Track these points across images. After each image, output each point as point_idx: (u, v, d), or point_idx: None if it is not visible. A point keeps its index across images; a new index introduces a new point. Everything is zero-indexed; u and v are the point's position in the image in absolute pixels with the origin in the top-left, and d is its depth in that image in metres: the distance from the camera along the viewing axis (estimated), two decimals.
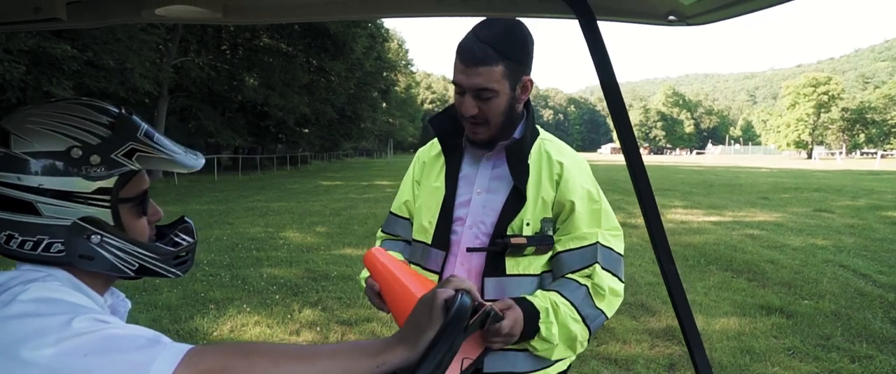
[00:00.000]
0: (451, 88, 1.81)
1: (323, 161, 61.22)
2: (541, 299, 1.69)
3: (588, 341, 1.78)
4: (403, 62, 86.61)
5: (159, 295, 6.78)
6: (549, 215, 1.81)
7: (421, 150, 2.12)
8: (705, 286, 7.45)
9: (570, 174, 1.82)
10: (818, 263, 8.95)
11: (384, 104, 70.25)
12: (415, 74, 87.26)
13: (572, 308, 1.70)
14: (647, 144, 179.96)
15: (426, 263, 1.93)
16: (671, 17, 1.51)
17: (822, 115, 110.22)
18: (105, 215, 1.09)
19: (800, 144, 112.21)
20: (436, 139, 1.99)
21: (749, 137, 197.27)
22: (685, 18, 1.50)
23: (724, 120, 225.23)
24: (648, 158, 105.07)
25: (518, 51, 1.69)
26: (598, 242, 1.78)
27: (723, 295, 7.05)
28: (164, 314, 6.10)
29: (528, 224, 1.78)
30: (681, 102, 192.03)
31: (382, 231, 2.20)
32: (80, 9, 1.60)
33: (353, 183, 27.90)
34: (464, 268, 1.85)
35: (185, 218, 1.30)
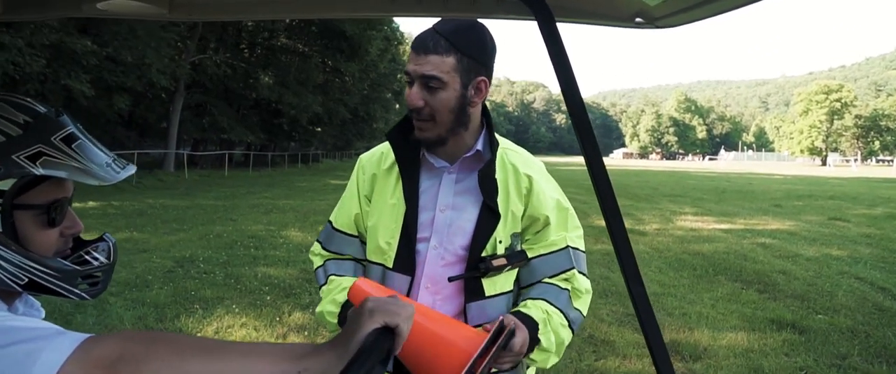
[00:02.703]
0: None
1: (335, 160, 61.57)
2: (535, 310, 1.65)
3: None
4: None
5: (149, 292, 6.63)
6: (519, 229, 1.75)
7: (365, 160, 1.92)
8: (713, 298, 7.19)
9: (539, 187, 1.76)
10: (833, 274, 8.66)
11: (397, 105, 70.85)
12: None
13: (561, 314, 1.68)
14: (659, 150, 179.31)
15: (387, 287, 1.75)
16: (638, 19, 1.47)
17: (835, 122, 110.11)
18: None
19: (813, 151, 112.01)
20: (386, 150, 1.85)
21: (762, 143, 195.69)
22: (653, 20, 1.45)
23: (736, 126, 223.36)
24: (660, 164, 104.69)
25: (474, 47, 1.61)
26: (568, 246, 1.76)
27: (731, 308, 6.78)
28: (150, 312, 5.95)
29: (500, 242, 1.71)
30: (693, 107, 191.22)
31: (324, 249, 1.92)
32: (18, 2, 1.53)
33: None
34: (429, 291, 1.74)
35: (106, 236, 1.20)
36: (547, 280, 1.73)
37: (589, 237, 11.38)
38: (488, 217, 1.69)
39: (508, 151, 1.81)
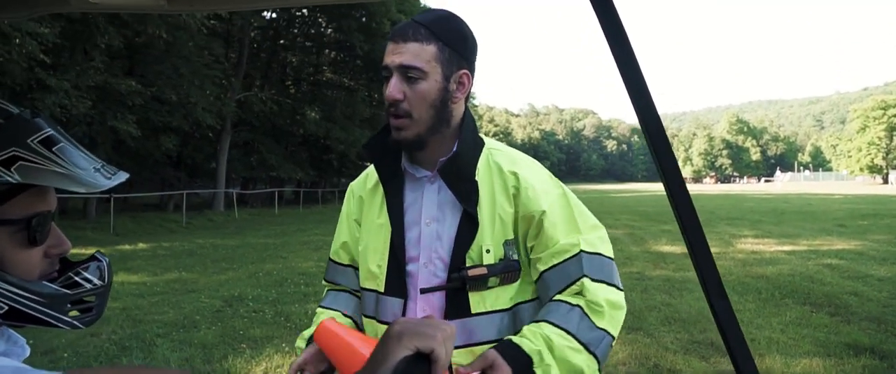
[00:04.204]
0: (514, 121, 1.49)
1: None
2: (531, 340, 1.40)
3: (600, 370, 1.47)
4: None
5: (196, 332, 6.55)
6: (511, 236, 1.56)
7: (354, 184, 1.84)
8: (782, 322, 6.81)
9: (528, 183, 1.57)
10: None
11: None
12: (477, 107, 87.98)
13: (569, 337, 1.42)
14: (713, 173, 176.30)
15: (381, 314, 1.62)
16: None
17: (895, 138, 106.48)
18: None
19: (874, 169, 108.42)
20: (371, 171, 1.75)
21: (819, 162, 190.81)
22: None
23: (791, 146, 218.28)
24: (715, 187, 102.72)
25: (455, 38, 1.51)
26: (581, 251, 1.52)
27: (803, 332, 6.39)
28: (197, 353, 5.85)
29: (488, 251, 1.53)
30: (745, 129, 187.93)
31: (325, 279, 1.89)
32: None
33: None
34: (427, 313, 1.58)
35: (98, 254, 1.05)
36: (556, 297, 1.50)
37: (647, 263, 11.06)
38: (467, 223, 1.54)
39: (493, 151, 1.66)
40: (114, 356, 5.73)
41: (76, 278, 0.99)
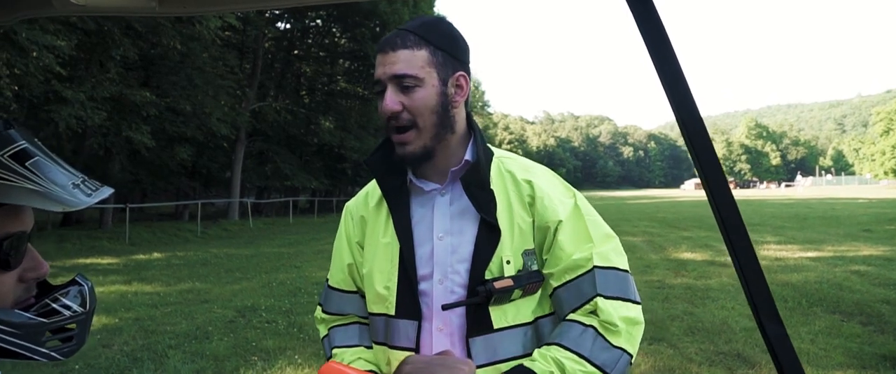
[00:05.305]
0: (529, 129, 1.35)
1: None
2: (542, 363, 1.32)
3: None
4: (480, 104, 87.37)
5: (208, 344, 6.44)
6: (531, 245, 1.47)
7: (351, 204, 1.73)
8: (811, 332, 6.57)
9: (543, 192, 1.49)
10: None
11: None
12: (491, 115, 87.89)
13: (581, 360, 1.34)
14: (732, 179, 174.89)
15: (394, 339, 1.50)
16: None
17: None
18: None
19: None
20: (371, 189, 1.66)
21: (841, 166, 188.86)
22: None
23: (812, 150, 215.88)
24: (735, 193, 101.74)
25: (445, 40, 1.45)
26: (594, 266, 1.41)
27: (834, 342, 6.15)
28: (209, 365, 5.74)
29: (508, 262, 1.43)
30: (765, 133, 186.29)
31: (325, 312, 1.71)
32: None
33: None
34: (444, 334, 1.47)
35: (79, 278, 0.95)
36: (569, 317, 1.41)
37: (668, 271, 10.82)
38: (487, 233, 1.45)
39: (504, 160, 1.59)
40: (125, 368, 5.63)
41: (54, 305, 0.90)
